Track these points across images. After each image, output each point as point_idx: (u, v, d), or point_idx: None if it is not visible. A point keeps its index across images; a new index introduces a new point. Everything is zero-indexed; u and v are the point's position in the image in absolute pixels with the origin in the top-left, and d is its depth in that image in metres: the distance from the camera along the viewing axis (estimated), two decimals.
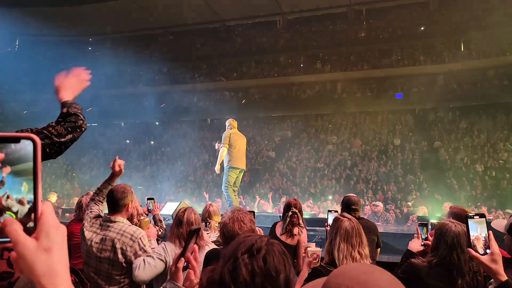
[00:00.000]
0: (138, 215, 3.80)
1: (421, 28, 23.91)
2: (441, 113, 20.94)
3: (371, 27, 25.52)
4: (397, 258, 3.47)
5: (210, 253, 2.43)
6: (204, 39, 28.77)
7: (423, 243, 2.82)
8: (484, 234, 1.67)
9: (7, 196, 0.61)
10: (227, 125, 7.46)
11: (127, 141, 24.14)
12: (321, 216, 9.48)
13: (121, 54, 25.55)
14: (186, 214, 2.73)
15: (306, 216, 7.17)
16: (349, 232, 2.32)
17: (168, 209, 7.16)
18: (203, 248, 2.66)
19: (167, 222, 5.46)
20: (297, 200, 4.09)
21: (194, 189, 17.76)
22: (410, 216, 10.02)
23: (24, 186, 0.61)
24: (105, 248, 2.79)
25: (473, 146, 17.74)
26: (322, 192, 15.85)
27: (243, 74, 26.14)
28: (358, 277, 0.65)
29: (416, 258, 2.49)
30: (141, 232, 2.91)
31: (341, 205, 4.21)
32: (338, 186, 16.25)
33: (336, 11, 26.48)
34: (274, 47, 26.60)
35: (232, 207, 5.82)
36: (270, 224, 5.09)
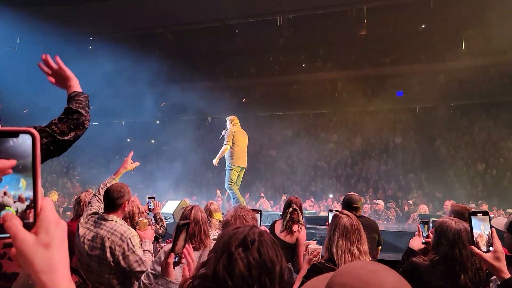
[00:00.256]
0: (139, 214, 3.80)
1: (422, 27, 23.88)
2: (442, 111, 20.91)
3: (371, 25, 25.48)
4: (398, 257, 3.47)
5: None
6: (205, 38, 28.74)
7: (424, 241, 2.81)
8: (487, 232, 1.66)
9: (4, 193, 0.60)
10: (228, 121, 7.35)
11: (128, 140, 24.14)
12: (321, 214, 9.48)
13: (121, 53, 25.51)
14: (193, 213, 2.69)
15: (306, 214, 7.18)
16: (347, 228, 2.32)
17: (169, 208, 7.16)
18: (209, 247, 2.60)
19: (167, 220, 5.46)
20: (297, 198, 4.10)
21: (195, 188, 17.76)
22: (411, 215, 10.02)
23: (22, 183, 0.60)
24: (96, 246, 2.76)
25: (474, 145, 17.72)
26: (323, 191, 15.85)
27: (243, 73, 26.11)
28: (363, 276, 0.64)
29: (417, 256, 2.49)
30: (132, 232, 2.87)
31: (342, 204, 4.21)
32: (339, 184, 16.25)
33: (337, 10, 26.42)
34: (275, 46, 26.56)
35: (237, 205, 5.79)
36: (269, 222, 5.09)
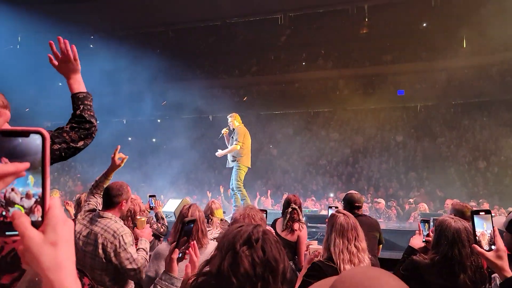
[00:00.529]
0: (141, 212, 3.81)
1: (423, 25, 23.82)
2: (443, 109, 20.88)
3: (373, 23, 25.42)
4: (399, 255, 3.47)
5: None
6: (205, 37, 28.72)
7: (424, 240, 2.82)
8: (490, 231, 1.66)
9: (12, 189, 0.61)
10: (231, 119, 7.19)
11: (129, 138, 24.16)
12: (323, 213, 9.48)
13: (122, 52, 25.51)
14: (191, 211, 2.70)
15: (307, 213, 7.19)
16: (344, 227, 2.34)
17: (170, 206, 7.17)
18: (206, 246, 2.62)
19: (169, 219, 5.47)
20: (296, 196, 4.09)
21: (196, 187, 17.78)
22: (412, 213, 10.02)
23: (30, 179, 0.61)
24: (89, 242, 2.79)
25: (475, 143, 17.70)
26: (324, 189, 15.85)
27: (244, 71, 26.10)
28: (365, 282, 0.64)
29: (417, 255, 2.49)
30: (125, 230, 2.89)
31: (343, 203, 4.20)
32: (340, 183, 16.24)
33: (338, 8, 26.37)
34: (276, 44, 26.53)
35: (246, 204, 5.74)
36: (271, 221, 5.09)
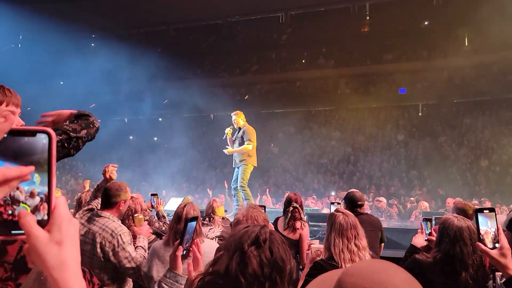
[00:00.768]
0: (142, 211, 3.82)
1: (425, 23, 23.79)
2: (444, 108, 20.85)
3: (374, 22, 25.39)
4: (400, 253, 3.47)
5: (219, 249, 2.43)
6: (207, 35, 28.73)
7: (426, 238, 2.81)
8: (494, 229, 1.66)
9: (16, 187, 0.61)
10: (235, 117, 7.10)
11: (130, 137, 24.18)
12: (324, 211, 9.47)
13: (123, 50, 25.52)
14: (185, 210, 2.70)
15: (309, 211, 7.18)
16: (343, 226, 2.34)
17: (172, 205, 7.18)
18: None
19: (170, 218, 5.46)
20: (297, 195, 4.08)
21: (198, 185, 17.79)
22: (414, 211, 10.01)
23: (36, 178, 0.61)
24: (87, 242, 2.80)
25: (477, 142, 17.67)
26: (325, 188, 15.85)
27: (245, 70, 26.09)
28: (373, 275, 0.64)
29: (420, 254, 2.49)
30: (123, 229, 2.91)
31: (344, 201, 4.20)
32: (341, 181, 16.24)
33: (339, 6, 26.34)
34: (277, 43, 26.52)
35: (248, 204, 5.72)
36: (272, 219, 5.09)
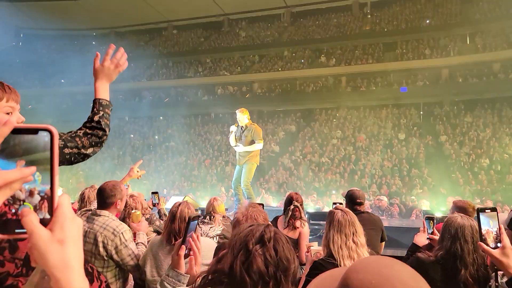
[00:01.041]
0: (143, 209, 3.81)
1: (426, 21, 23.75)
2: (446, 107, 20.83)
3: (375, 20, 25.38)
4: (401, 252, 3.47)
5: (220, 247, 2.44)
6: (208, 33, 28.73)
7: (428, 237, 2.80)
8: (496, 228, 1.66)
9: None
10: (239, 114, 7.07)
11: (131, 136, 24.20)
12: (325, 210, 9.47)
13: (125, 49, 25.45)
14: (180, 209, 2.68)
15: (310, 210, 7.18)
16: (341, 223, 2.36)
17: (173, 204, 7.16)
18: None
19: None
20: (298, 194, 4.08)
21: (199, 184, 17.79)
22: (414, 210, 10.02)
23: (38, 176, 0.61)
24: (88, 241, 2.81)
25: (478, 140, 17.65)
26: (326, 187, 15.84)
27: (247, 68, 26.09)
28: (380, 271, 0.64)
29: (421, 252, 2.49)
30: (124, 227, 2.92)
31: (345, 199, 4.20)
32: (342, 180, 16.23)
33: (341, 4, 26.35)
34: (278, 41, 26.52)
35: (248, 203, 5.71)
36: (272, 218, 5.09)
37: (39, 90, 24.01)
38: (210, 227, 3.63)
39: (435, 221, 2.95)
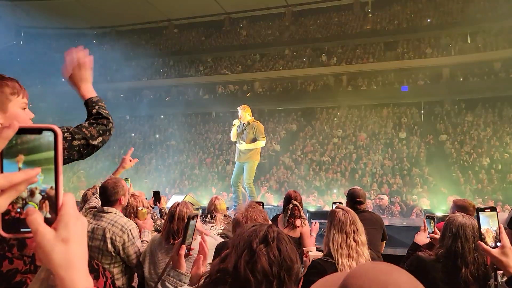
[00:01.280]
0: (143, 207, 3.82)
1: (427, 20, 23.72)
2: (447, 106, 20.82)
3: (376, 19, 25.35)
4: (402, 251, 3.48)
5: (221, 246, 2.45)
6: (209, 32, 28.72)
7: (429, 236, 2.81)
8: (495, 228, 1.67)
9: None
10: (241, 111, 7.06)
11: (132, 134, 24.21)
12: (326, 209, 9.48)
13: (126, 47, 25.54)
14: (179, 209, 2.68)
15: (311, 209, 7.19)
16: (342, 221, 2.36)
17: (173, 203, 7.16)
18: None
19: None
20: (297, 192, 4.06)
21: (200, 183, 17.80)
22: (414, 209, 10.03)
23: (40, 176, 0.61)
24: (96, 237, 2.84)
25: (479, 140, 17.64)
26: (327, 186, 15.85)
27: (248, 67, 26.07)
28: (378, 277, 0.64)
29: (422, 251, 2.50)
30: (132, 224, 2.96)
31: (346, 198, 4.21)
32: (343, 179, 16.23)
33: (342, 3, 26.33)
34: (279, 40, 26.49)
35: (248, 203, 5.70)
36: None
37: (40, 89, 23.99)
38: (212, 226, 3.64)
39: (436, 220, 2.95)
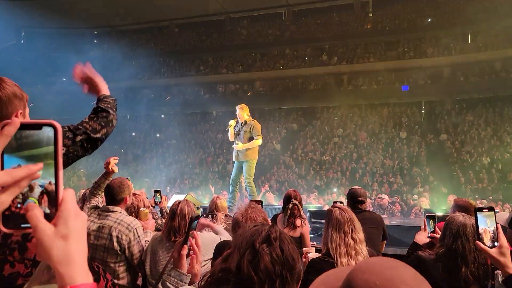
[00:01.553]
0: (145, 208, 3.83)
1: (428, 20, 23.69)
2: (447, 105, 20.81)
3: (377, 18, 25.31)
4: (402, 251, 3.48)
5: (221, 245, 2.45)
6: (210, 32, 28.68)
7: (429, 235, 2.81)
8: (493, 228, 1.67)
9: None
10: (239, 110, 6.99)
11: (133, 134, 24.21)
12: (326, 208, 9.48)
13: (126, 47, 25.53)
14: (180, 207, 2.71)
15: (311, 208, 7.19)
16: (340, 220, 2.37)
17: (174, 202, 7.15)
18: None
19: None
20: (296, 192, 4.05)
21: (201, 182, 17.81)
22: (413, 209, 10.04)
23: (39, 172, 0.61)
24: (102, 236, 2.86)
25: (480, 139, 17.63)
26: (327, 185, 15.85)
27: (248, 67, 26.05)
28: (384, 272, 0.65)
29: (422, 251, 2.50)
30: (138, 223, 3.00)
31: (346, 198, 4.21)
32: (343, 179, 16.24)
33: (342, 3, 26.27)
34: (280, 39, 26.46)
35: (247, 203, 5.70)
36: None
37: (41, 88, 24.00)
38: None
39: (436, 219, 2.96)
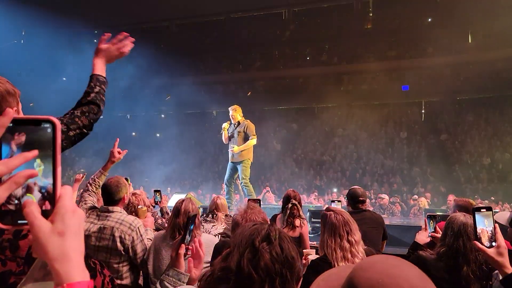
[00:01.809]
0: (143, 206, 3.83)
1: (428, 20, 23.67)
2: (448, 105, 20.78)
3: (377, 18, 25.28)
4: (403, 250, 3.48)
5: (220, 245, 2.45)
6: (210, 32, 28.66)
7: (430, 235, 2.81)
8: (491, 228, 1.67)
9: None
10: (232, 111, 7.04)
11: (133, 134, 24.21)
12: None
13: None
14: (184, 204, 2.78)
15: (311, 208, 7.19)
16: (335, 224, 2.36)
17: (174, 202, 7.15)
18: (198, 238, 2.66)
19: None
20: (295, 192, 4.05)
21: (201, 181, 17.81)
22: (412, 209, 10.04)
23: (39, 168, 0.61)
24: (104, 237, 2.84)
25: (480, 139, 17.63)
26: (327, 185, 15.85)
27: (248, 67, 26.05)
28: (387, 270, 0.65)
29: (423, 250, 2.50)
30: (139, 221, 2.99)
31: (346, 198, 4.21)
32: (344, 179, 16.23)
33: (343, 3, 26.23)
34: (280, 39, 26.45)
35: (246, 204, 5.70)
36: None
37: (41, 87, 23.98)
38: (213, 225, 3.65)
39: (437, 219, 2.95)
